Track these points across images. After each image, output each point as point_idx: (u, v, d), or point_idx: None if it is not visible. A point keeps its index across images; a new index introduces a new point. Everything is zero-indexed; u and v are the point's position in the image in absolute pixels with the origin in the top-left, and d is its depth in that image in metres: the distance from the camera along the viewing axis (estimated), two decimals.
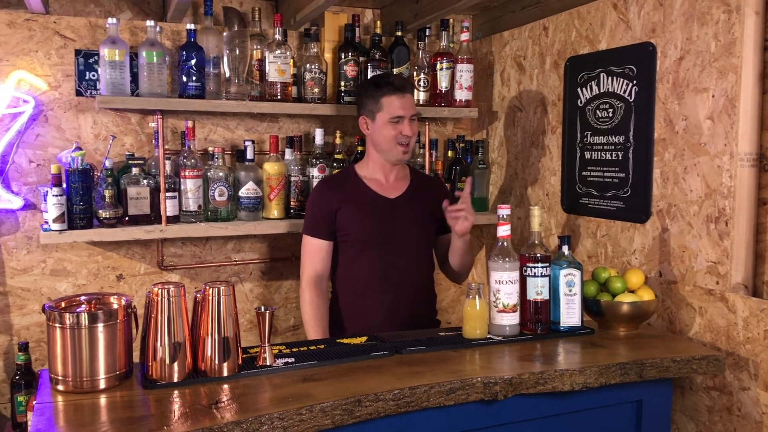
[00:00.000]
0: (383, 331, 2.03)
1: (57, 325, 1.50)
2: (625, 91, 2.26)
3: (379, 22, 2.85)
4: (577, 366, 1.71)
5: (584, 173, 2.47)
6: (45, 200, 2.37)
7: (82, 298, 1.63)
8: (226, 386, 1.57)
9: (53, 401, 1.48)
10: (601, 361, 1.75)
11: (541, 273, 1.93)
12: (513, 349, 1.85)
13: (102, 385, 1.52)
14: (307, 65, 2.69)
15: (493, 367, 1.72)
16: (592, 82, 2.40)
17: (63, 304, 1.59)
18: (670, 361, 1.77)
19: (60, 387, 1.52)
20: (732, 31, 1.89)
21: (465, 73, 2.86)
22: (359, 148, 2.82)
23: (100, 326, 1.52)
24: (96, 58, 2.58)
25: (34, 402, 1.50)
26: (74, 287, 2.65)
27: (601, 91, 2.37)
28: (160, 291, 1.55)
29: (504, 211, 1.93)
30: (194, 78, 2.51)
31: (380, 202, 2.30)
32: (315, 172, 2.68)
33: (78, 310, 1.56)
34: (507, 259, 1.90)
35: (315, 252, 2.30)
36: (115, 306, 1.60)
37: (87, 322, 1.50)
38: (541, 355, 1.81)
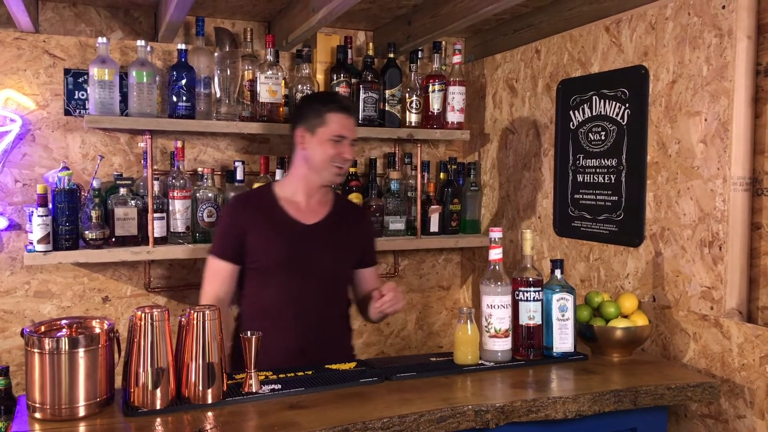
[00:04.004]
0: (293, 366, 1.86)
1: (36, 350, 1.46)
2: (617, 114, 2.26)
3: (371, 44, 2.85)
4: (571, 393, 1.68)
5: (576, 196, 2.45)
6: (30, 220, 2.33)
7: (63, 322, 1.58)
8: (210, 413, 1.52)
9: (30, 430, 1.43)
10: (595, 388, 1.72)
11: (534, 297, 1.90)
12: (505, 375, 1.81)
13: (81, 412, 1.48)
14: (299, 86, 2.68)
15: (485, 394, 1.69)
16: (585, 105, 2.40)
17: (43, 329, 1.55)
18: (664, 389, 1.74)
19: (38, 415, 1.47)
20: (724, 55, 1.88)
21: (457, 95, 2.85)
22: (351, 169, 2.80)
23: (81, 351, 1.47)
24: (85, 77, 2.56)
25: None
26: (59, 309, 2.60)
27: (594, 114, 2.36)
28: (143, 315, 1.51)
29: (496, 234, 1.91)
30: (184, 98, 2.49)
31: (294, 227, 2.10)
32: None
33: (58, 334, 1.52)
34: (499, 283, 1.87)
35: (216, 273, 2.09)
36: (97, 330, 1.56)
37: (67, 347, 1.46)
38: (534, 382, 1.77)
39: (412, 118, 2.84)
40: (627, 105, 2.22)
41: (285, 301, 2.06)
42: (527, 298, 1.90)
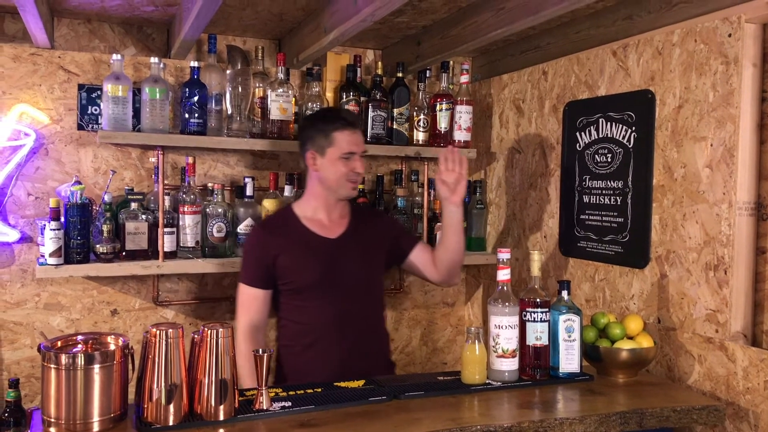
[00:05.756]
0: (338, 380, 1.90)
1: (52, 365, 1.48)
2: (624, 137, 2.29)
3: (380, 63, 2.89)
4: (577, 414, 1.70)
5: (582, 217, 2.48)
6: (42, 234, 2.36)
7: (79, 337, 1.61)
8: (221, 430, 1.54)
9: None
10: (601, 409, 1.74)
11: (541, 318, 1.92)
12: (512, 395, 1.83)
13: (96, 428, 1.50)
14: (309, 104, 2.71)
15: (493, 414, 1.70)
16: (591, 127, 2.43)
17: (59, 344, 1.57)
18: (670, 411, 1.76)
19: (52, 430, 1.49)
20: (730, 82, 1.92)
21: (464, 114, 2.88)
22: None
23: (97, 367, 1.49)
24: (99, 92, 2.60)
25: None
26: (68, 322, 2.62)
27: (600, 136, 2.39)
28: (157, 332, 1.53)
29: (504, 255, 1.93)
30: (196, 114, 2.52)
31: (322, 243, 2.16)
32: None
33: (74, 350, 1.54)
34: (507, 304, 1.90)
35: (250, 301, 2.15)
36: (112, 347, 1.58)
37: (83, 363, 1.49)
38: (541, 403, 1.79)
39: (420, 136, 2.88)
40: (633, 128, 2.25)
41: (324, 316, 2.13)
42: (535, 318, 1.92)
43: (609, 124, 2.35)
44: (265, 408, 1.64)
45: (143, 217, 2.47)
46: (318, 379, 1.91)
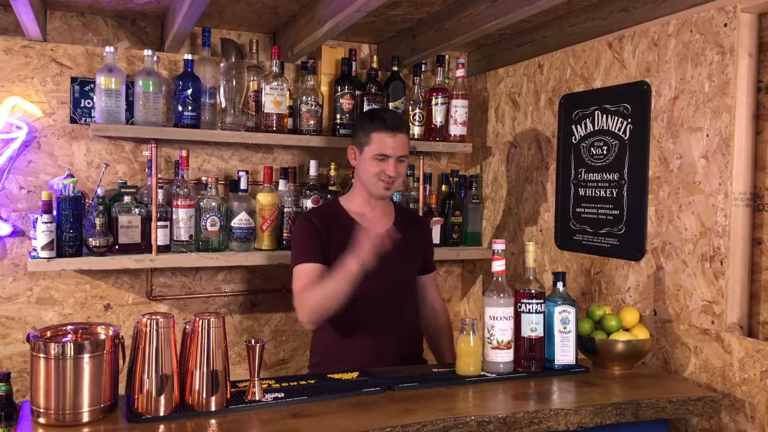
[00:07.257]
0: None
1: (41, 355, 1.46)
2: (619, 129, 2.28)
3: (375, 57, 2.87)
4: (573, 405, 1.68)
5: (578, 210, 2.47)
6: (34, 227, 2.34)
7: (69, 327, 1.59)
8: (213, 421, 1.53)
9: None
10: (597, 400, 1.72)
11: (536, 309, 1.91)
12: (507, 386, 1.82)
13: (85, 418, 1.48)
14: (304, 97, 2.70)
15: (487, 405, 1.69)
16: (587, 120, 2.42)
17: (48, 334, 1.56)
18: (666, 402, 1.75)
19: (41, 420, 1.47)
20: (726, 72, 1.91)
21: (460, 108, 2.87)
22: (354, 181, 2.81)
23: (86, 357, 1.48)
24: (92, 85, 2.58)
25: None
26: (60, 316, 2.60)
27: (596, 128, 2.38)
28: (148, 322, 1.52)
29: (499, 245, 1.92)
30: (190, 108, 2.50)
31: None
32: (308, 204, 2.67)
33: (64, 339, 1.53)
34: (502, 295, 1.88)
35: (307, 272, 2.10)
36: (103, 336, 1.56)
37: (72, 353, 1.47)
38: (536, 394, 1.78)
39: (415, 130, 2.86)
40: (629, 120, 2.24)
41: (360, 306, 2.13)
42: (530, 310, 1.91)
43: (605, 116, 2.34)
44: (257, 399, 1.63)
45: (136, 210, 2.45)
46: (350, 366, 1.96)
